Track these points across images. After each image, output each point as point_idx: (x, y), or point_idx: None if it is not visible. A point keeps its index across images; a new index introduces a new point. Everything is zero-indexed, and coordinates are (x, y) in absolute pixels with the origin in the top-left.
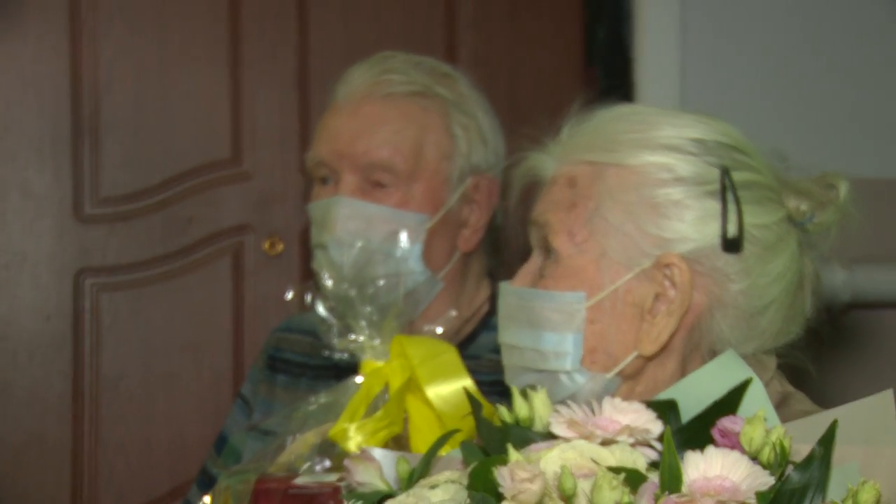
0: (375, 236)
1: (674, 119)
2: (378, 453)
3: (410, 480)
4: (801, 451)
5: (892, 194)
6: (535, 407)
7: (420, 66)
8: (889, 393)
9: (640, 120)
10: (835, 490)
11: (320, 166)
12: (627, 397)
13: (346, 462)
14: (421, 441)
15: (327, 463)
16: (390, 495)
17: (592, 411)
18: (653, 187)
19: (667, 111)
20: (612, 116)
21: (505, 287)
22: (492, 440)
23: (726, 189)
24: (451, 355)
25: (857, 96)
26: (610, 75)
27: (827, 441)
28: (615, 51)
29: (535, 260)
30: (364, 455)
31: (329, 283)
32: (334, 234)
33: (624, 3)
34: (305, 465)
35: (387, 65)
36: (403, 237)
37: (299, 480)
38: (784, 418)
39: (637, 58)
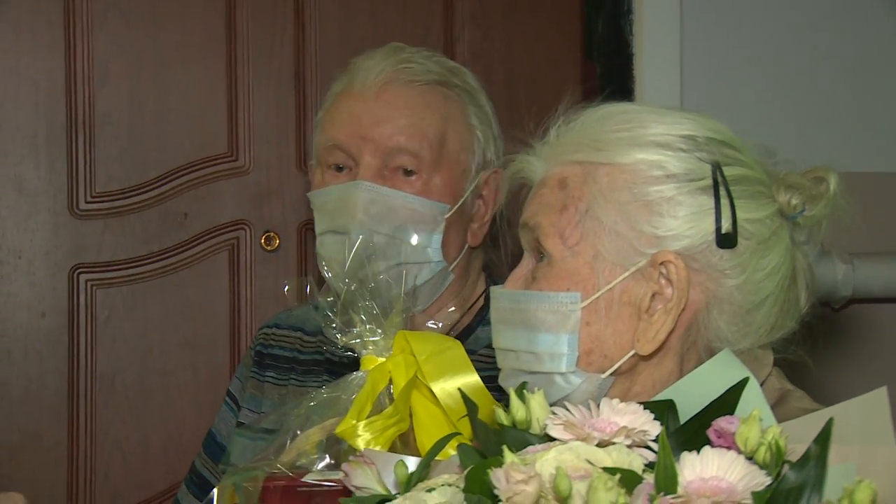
0: (397, 223)
1: (662, 116)
2: (379, 456)
3: (409, 484)
4: (797, 450)
5: (892, 188)
6: (532, 409)
7: (433, 58)
8: (883, 390)
9: (628, 118)
10: (832, 489)
11: (335, 150)
12: (623, 397)
13: (345, 466)
14: (426, 438)
15: (328, 459)
16: (388, 499)
17: (590, 412)
18: (645, 185)
19: (654, 109)
20: (600, 116)
21: (497, 291)
22: (488, 443)
23: (718, 184)
24: (457, 350)
25: (858, 90)
26: (609, 71)
27: (823, 440)
28: (614, 46)
29: (527, 263)
30: (362, 458)
31: (328, 274)
32: (357, 218)
33: None
34: (315, 464)
35: (403, 54)
36: (425, 226)
37: (308, 478)
38: (782, 416)
39: (636, 53)
